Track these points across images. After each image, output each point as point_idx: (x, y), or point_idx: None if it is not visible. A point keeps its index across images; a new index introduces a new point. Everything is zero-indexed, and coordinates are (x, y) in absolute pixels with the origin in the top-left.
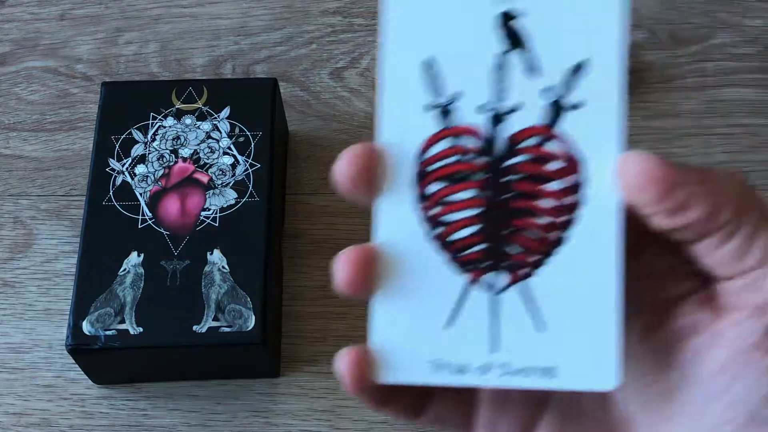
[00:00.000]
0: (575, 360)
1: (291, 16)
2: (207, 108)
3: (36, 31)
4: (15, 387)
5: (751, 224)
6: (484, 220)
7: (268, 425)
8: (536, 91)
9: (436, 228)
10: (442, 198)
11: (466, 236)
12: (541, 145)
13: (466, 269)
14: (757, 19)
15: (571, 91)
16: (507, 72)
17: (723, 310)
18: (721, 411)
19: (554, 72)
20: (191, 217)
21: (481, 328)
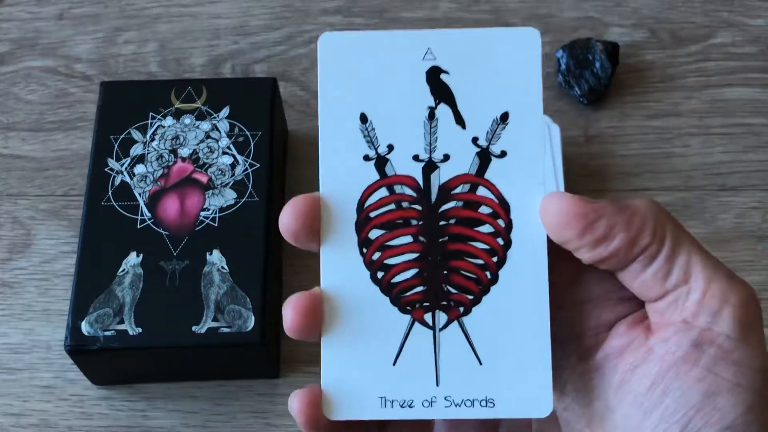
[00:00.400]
0: (511, 391)
1: (291, 15)
2: (206, 108)
3: (35, 30)
4: (14, 388)
5: (668, 246)
6: (422, 263)
7: (268, 426)
8: (464, 142)
9: (377, 272)
10: (381, 243)
11: (405, 279)
12: (472, 192)
13: (408, 310)
14: (758, 18)
15: (496, 141)
16: (437, 124)
17: (653, 328)
18: (654, 425)
19: (479, 123)
20: (190, 217)
21: (424, 365)
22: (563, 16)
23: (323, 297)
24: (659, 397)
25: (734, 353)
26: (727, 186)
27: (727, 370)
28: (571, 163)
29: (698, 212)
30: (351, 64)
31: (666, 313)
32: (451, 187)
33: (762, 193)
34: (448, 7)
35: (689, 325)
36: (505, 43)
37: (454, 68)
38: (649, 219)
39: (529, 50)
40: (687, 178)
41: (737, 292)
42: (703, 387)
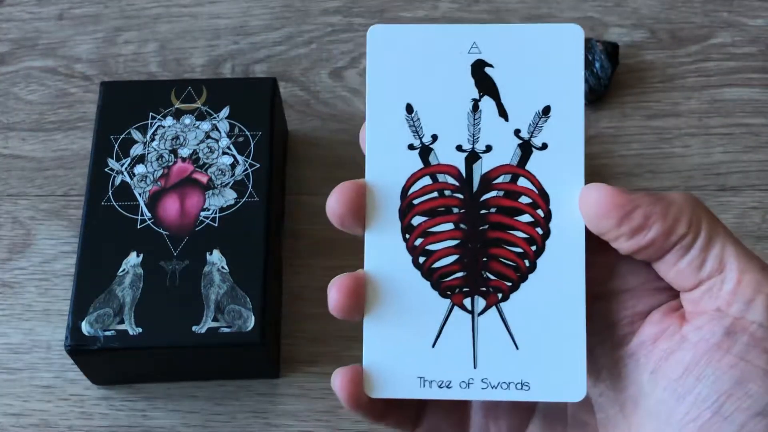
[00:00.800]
0: (546, 375)
1: (291, 15)
2: (206, 108)
3: (35, 30)
4: (14, 388)
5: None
6: (462, 250)
7: (268, 426)
8: (506, 133)
9: (419, 257)
10: (424, 230)
11: (446, 265)
12: (513, 182)
13: (448, 294)
14: (758, 18)
15: (538, 134)
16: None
17: (687, 317)
18: (686, 410)
19: (522, 116)
20: (190, 217)
21: (462, 348)
22: (563, 16)
23: (366, 279)
24: (692, 383)
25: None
26: (726, 186)
27: (759, 358)
28: None
29: None
30: (398, 56)
31: (700, 302)
32: (493, 177)
33: (761, 193)
34: (448, 7)
35: (722, 314)
36: (549, 38)
37: (498, 62)
38: (685, 210)
39: (573, 46)
40: (687, 179)
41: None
42: (735, 373)
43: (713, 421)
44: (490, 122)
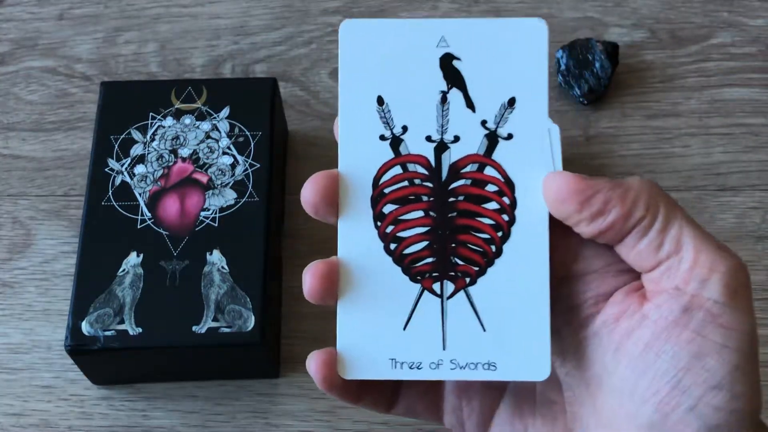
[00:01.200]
0: (512, 355)
1: (291, 15)
2: (206, 108)
3: (35, 30)
4: (14, 388)
5: (660, 220)
6: (432, 237)
7: (268, 426)
8: (474, 124)
9: (390, 244)
10: (395, 218)
11: (416, 251)
12: (480, 171)
13: (418, 279)
14: (758, 18)
15: (503, 124)
16: (449, 107)
17: (647, 296)
18: (647, 384)
19: (488, 107)
20: (190, 217)
21: (432, 330)
22: (563, 16)
23: (339, 265)
24: (652, 358)
25: (722, 317)
26: (726, 186)
27: (715, 333)
28: (571, 163)
29: (698, 212)
30: (370, 50)
31: (660, 281)
32: (461, 166)
33: (761, 193)
34: (448, 7)
35: (680, 292)
36: (514, 32)
37: (465, 55)
38: (642, 194)
39: (537, 40)
40: (687, 179)
41: (725, 260)
42: (692, 349)
43: (672, 394)
44: (458, 113)
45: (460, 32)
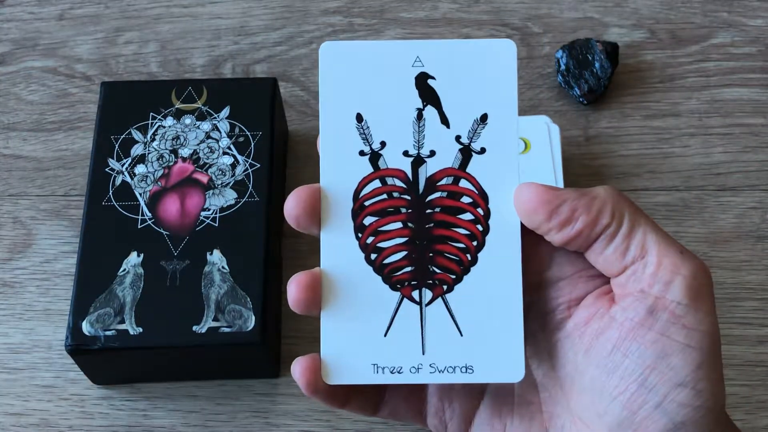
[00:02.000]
0: (488, 359)
1: (291, 15)
2: (206, 108)
3: (35, 30)
4: (14, 387)
5: (626, 226)
6: (410, 247)
7: (268, 425)
8: (448, 139)
9: (371, 254)
10: (375, 229)
11: (396, 260)
12: (455, 183)
13: (397, 287)
14: (758, 18)
15: (477, 139)
16: (424, 123)
17: (615, 299)
18: (616, 383)
19: (462, 123)
20: (191, 217)
21: (412, 336)
22: (563, 16)
23: (322, 275)
24: (620, 358)
25: (685, 318)
26: (726, 186)
27: (679, 333)
28: (570, 163)
29: (697, 212)
30: (348, 70)
31: (626, 285)
32: (437, 179)
33: (761, 193)
34: (448, 8)
35: (645, 294)
36: (485, 53)
37: (439, 74)
38: (608, 202)
39: (506, 60)
40: (686, 179)
41: (688, 264)
42: (657, 348)
43: (639, 392)
44: (433, 129)
45: (434, 53)
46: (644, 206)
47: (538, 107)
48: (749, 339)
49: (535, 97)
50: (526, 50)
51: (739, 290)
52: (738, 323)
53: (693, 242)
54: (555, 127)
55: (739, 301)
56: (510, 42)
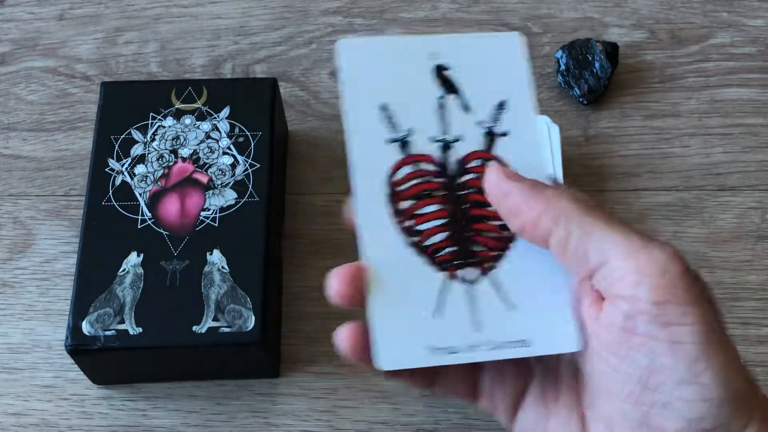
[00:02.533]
0: (542, 331)
1: (291, 16)
2: (206, 108)
3: (35, 30)
4: (14, 387)
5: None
6: (450, 227)
7: (268, 425)
8: (472, 125)
9: (411, 237)
10: (413, 212)
11: (438, 241)
12: (484, 165)
13: (443, 267)
14: (758, 18)
15: (499, 123)
16: (447, 110)
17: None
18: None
19: (483, 110)
20: (191, 217)
21: (463, 315)
22: (563, 16)
23: (366, 265)
24: (618, 362)
25: (663, 316)
26: (726, 186)
27: (663, 332)
28: (570, 163)
29: (697, 212)
30: (368, 64)
31: (602, 288)
32: (467, 162)
33: (761, 193)
34: (448, 8)
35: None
36: (496, 45)
37: (455, 66)
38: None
39: (516, 51)
40: (686, 178)
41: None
42: (646, 351)
43: (644, 394)
44: (456, 116)
45: (449, 46)
46: (644, 206)
47: (538, 107)
48: (749, 339)
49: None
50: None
51: (739, 290)
52: (738, 323)
53: (693, 242)
54: (555, 127)
55: (739, 301)
56: (518, 34)
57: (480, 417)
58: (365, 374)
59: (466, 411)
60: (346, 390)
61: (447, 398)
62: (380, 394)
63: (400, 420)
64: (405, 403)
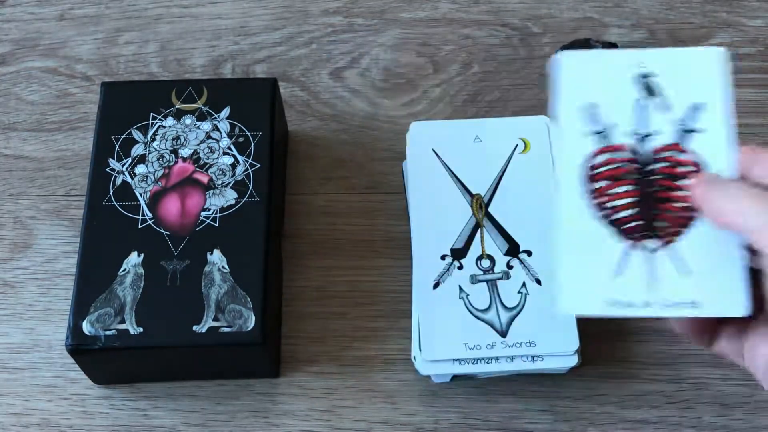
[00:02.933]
0: (713, 295)
1: (291, 16)
2: (207, 108)
3: (36, 31)
4: (15, 387)
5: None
6: (639, 205)
7: (268, 425)
8: (669, 122)
9: (603, 210)
10: (606, 191)
11: (627, 215)
12: (675, 155)
13: (629, 237)
14: (757, 19)
15: (694, 122)
16: (647, 110)
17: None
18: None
19: (682, 110)
20: (191, 217)
21: (642, 277)
22: (562, 16)
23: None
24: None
25: None
26: None
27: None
28: None
29: None
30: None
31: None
32: (659, 152)
33: None
34: (448, 8)
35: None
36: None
37: (660, 74)
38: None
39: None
40: None
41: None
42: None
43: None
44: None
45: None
46: None
47: (538, 107)
48: None
49: (534, 97)
50: (526, 50)
51: None
52: None
53: None
54: None
55: None
56: (721, 50)
57: (479, 417)
58: (365, 374)
59: (466, 411)
60: (346, 390)
61: (448, 398)
62: (380, 394)
63: (400, 420)
64: (405, 403)
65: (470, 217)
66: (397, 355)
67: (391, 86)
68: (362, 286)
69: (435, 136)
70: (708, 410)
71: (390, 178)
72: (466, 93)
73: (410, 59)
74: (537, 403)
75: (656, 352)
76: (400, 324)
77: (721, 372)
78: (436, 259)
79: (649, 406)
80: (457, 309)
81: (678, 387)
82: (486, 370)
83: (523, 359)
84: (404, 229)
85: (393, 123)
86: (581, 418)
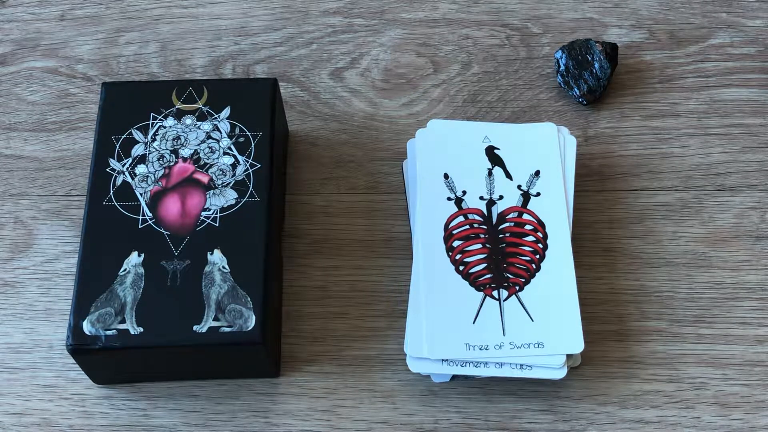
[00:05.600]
0: (554, 336)
1: (291, 16)
2: (207, 108)
3: (36, 31)
4: (15, 387)
5: None
6: (489, 261)
7: (268, 425)
8: (512, 188)
9: (459, 266)
10: (461, 249)
11: (479, 269)
12: (519, 217)
13: (481, 289)
14: (756, 19)
15: (533, 187)
16: (494, 178)
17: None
18: None
19: (522, 177)
20: (191, 217)
21: (494, 323)
22: (562, 16)
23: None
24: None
25: None
26: (725, 186)
27: None
28: None
29: (697, 212)
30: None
31: None
32: (506, 214)
33: (760, 193)
34: (448, 8)
35: None
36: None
37: (502, 146)
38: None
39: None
40: (686, 179)
41: None
42: None
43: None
44: (500, 182)
45: (497, 132)
46: (644, 206)
47: (538, 107)
48: (748, 339)
49: (534, 98)
50: (526, 50)
51: (738, 290)
52: (737, 323)
53: (692, 242)
54: (572, 139)
55: (738, 301)
56: (552, 125)
57: (479, 417)
58: (365, 374)
59: (466, 411)
60: (346, 390)
61: (447, 398)
62: (380, 394)
63: (400, 420)
64: (405, 403)
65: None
66: (396, 355)
67: (391, 86)
68: (362, 286)
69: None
70: (707, 410)
71: (390, 178)
72: (466, 93)
73: (410, 59)
74: (537, 403)
75: (656, 352)
76: (400, 324)
77: (721, 372)
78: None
79: (648, 406)
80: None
81: (677, 387)
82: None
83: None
84: (404, 229)
85: (393, 123)
86: (581, 418)
